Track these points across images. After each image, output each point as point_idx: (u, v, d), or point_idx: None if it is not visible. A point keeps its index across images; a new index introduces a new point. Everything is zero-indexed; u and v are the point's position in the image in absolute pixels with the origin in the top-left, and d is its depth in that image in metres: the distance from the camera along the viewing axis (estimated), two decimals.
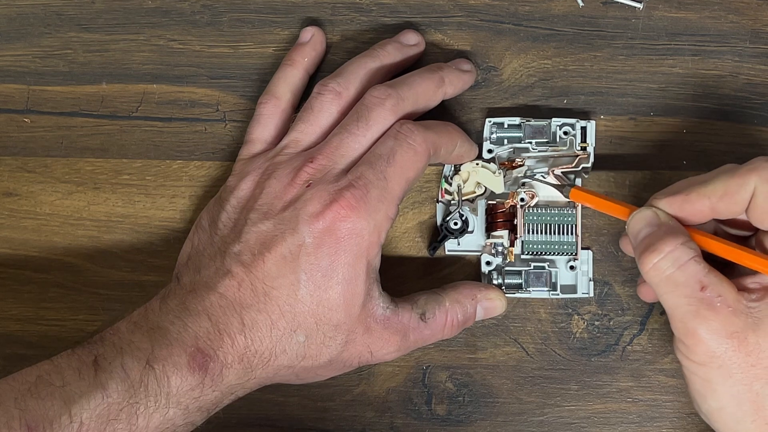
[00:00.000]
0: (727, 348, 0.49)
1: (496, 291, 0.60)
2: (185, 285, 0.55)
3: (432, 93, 0.59)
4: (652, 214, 0.53)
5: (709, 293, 0.50)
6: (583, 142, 0.60)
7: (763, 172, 0.51)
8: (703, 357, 0.50)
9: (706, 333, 0.49)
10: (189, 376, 0.51)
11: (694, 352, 0.50)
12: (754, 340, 0.49)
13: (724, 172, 0.52)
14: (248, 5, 0.64)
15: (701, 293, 0.50)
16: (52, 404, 0.49)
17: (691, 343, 0.50)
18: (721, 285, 0.50)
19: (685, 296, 0.50)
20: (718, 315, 0.49)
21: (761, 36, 0.61)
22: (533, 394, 0.61)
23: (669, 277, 0.50)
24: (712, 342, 0.49)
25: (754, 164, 0.51)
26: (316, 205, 0.54)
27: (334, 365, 0.56)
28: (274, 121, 0.60)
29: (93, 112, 0.64)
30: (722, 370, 0.50)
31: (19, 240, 0.63)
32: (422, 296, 0.58)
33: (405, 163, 0.55)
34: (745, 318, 0.49)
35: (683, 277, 0.50)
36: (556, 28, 0.62)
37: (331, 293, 0.54)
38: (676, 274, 0.50)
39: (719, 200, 0.52)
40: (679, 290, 0.50)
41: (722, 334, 0.49)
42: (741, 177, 0.51)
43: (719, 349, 0.49)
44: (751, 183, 0.51)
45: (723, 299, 0.50)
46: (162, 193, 0.63)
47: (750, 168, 0.51)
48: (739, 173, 0.51)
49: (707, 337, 0.49)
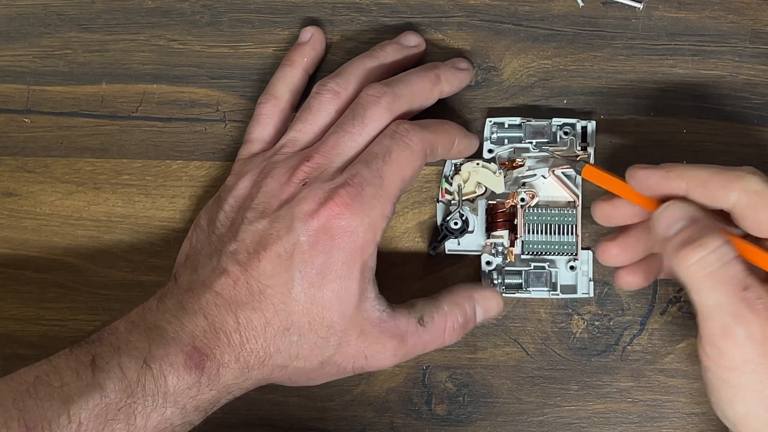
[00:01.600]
0: (762, 353, 0.48)
1: (492, 290, 0.60)
2: (183, 284, 0.55)
3: (428, 91, 0.59)
4: (693, 208, 0.52)
5: (750, 294, 0.49)
6: (584, 142, 0.60)
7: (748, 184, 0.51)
8: (737, 361, 0.49)
9: (744, 335, 0.48)
10: (186, 375, 0.51)
11: (728, 356, 0.49)
12: None
13: (711, 167, 0.52)
14: (248, 5, 0.64)
15: (743, 293, 0.49)
16: (50, 404, 0.49)
17: (727, 346, 0.49)
18: (762, 287, 0.49)
19: (728, 295, 0.49)
20: (758, 317, 0.48)
21: (761, 36, 0.61)
22: (533, 394, 0.61)
23: (713, 273, 0.49)
24: (748, 345, 0.48)
25: (740, 173, 0.51)
26: (311, 204, 0.54)
27: (328, 369, 0.56)
28: (274, 121, 0.60)
29: (93, 112, 0.64)
30: (753, 375, 0.49)
31: (19, 240, 0.63)
32: (420, 301, 0.58)
33: (401, 162, 0.55)
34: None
35: (728, 274, 0.49)
36: (556, 28, 0.62)
37: (325, 291, 0.54)
38: (722, 270, 0.49)
39: (696, 188, 0.52)
40: (723, 288, 0.49)
41: (759, 339, 0.48)
42: (725, 180, 0.51)
43: (754, 353, 0.48)
44: (734, 191, 0.51)
45: (763, 302, 0.49)
46: (162, 193, 0.63)
47: (736, 176, 0.51)
48: (723, 176, 0.52)
49: (744, 339, 0.48)
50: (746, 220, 0.52)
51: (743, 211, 0.51)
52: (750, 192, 0.51)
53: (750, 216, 0.51)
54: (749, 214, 0.51)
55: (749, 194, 0.51)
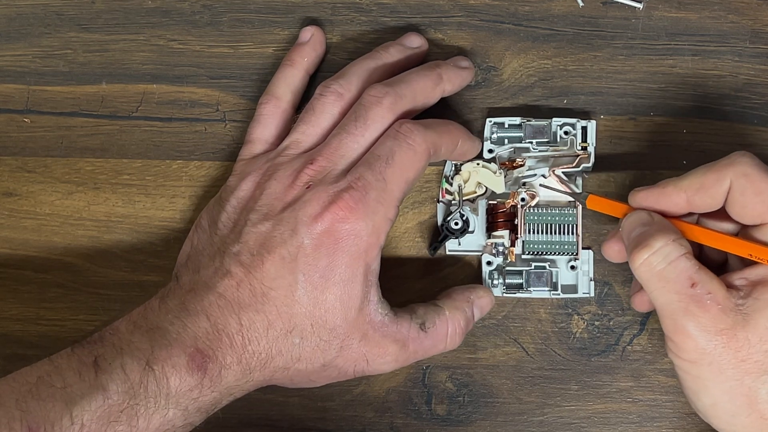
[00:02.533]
0: (716, 345, 0.50)
1: (483, 288, 0.60)
2: (184, 285, 0.55)
3: (430, 90, 0.59)
4: (645, 215, 0.54)
5: (699, 290, 0.50)
6: (584, 141, 0.60)
7: (738, 166, 0.52)
8: (693, 354, 0.50)
9: (696, 330, 0.50)
10: (188, 377, 0.51)
11: (684, 349, 0.51)
12: (743, 335, 0.50)
13: (702, 167, 0.53)
14: (248, 5, 0.64)
15: (691, 290, 0.50)
16: (53, 406, 0.49)
17: (681, 341, 0.51)
18: (711, 282, 0.51)
19: (676, 292, 0.51)
20: (707, 312, 0.50)
21: (761, 36, 0.61)
22: (533, 394, 0.61)
23: (659, 272, 0.51)
24: (701, 339, 0.50)
25: (730, 159, 0.52)
26: (315, 207, 0.54)
27: (329, 372, 0.56)
28: (275, 121, 0.60)
29: (93, 112, 0.64)
30: (713, 366, 0.50)
31: (19, 240, 0.63)
32: (421, 307, 0.58)
33: (404, 163, 0.55)
34: (734, 315, 0.50)
35: (674, 273, 0.51)
36: (556, 28, 0.62)
37: (328, 294, 0.54)
38: (667, 269, 0.51)
39: (695, 193, 0.53)
40: (670, 286, 0.51)
41: (711, 331, 0.50)
42: (717, 171, 0.52)
43: (709, 345, 0.50)
44: (727, 177, 0.52)
45: (712, 296, 0.50)
46: (162, 193, 0.63)
47: (726, 163, 0.52)
48: (715, 168, 0.52)
49: (696, 333, 0.50)
50: (735, 206, 0.52)
51: (733, 197, 0.52)
52: (739, 175, 0.52)
53: (738, 201, 0.52)
54: (738, 198, 0.52)
55: (738, 178, 0.52)
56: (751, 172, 0.52)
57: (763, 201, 0.51)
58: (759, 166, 0.52)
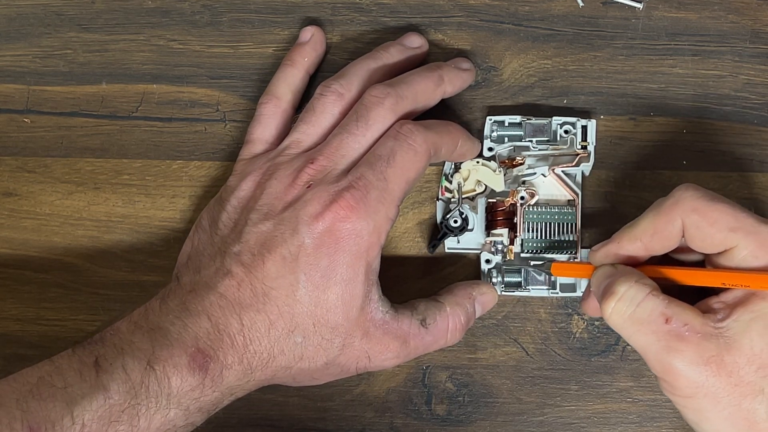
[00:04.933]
0: (707, 375, 0.49)
1: (486, 284, 0.60)
2: (185, 285, 0.55)
3: (431, 91, 0.59)
4: (608, 268, 0.53)
5: (675, 324, 0.50)
6: (584, 140, 0.60)
7: (685, 203, 0.51)
8: (688, 390, 0.50)
9: (683, 365, 0.49)
10: (189, 377, 0.51)
11: (678, 387, 0.50)
12: (730, 359, 0.49)
13: (651, 211, 0.53)
14: (248, 5, 0.64)
15: (667, 326, 0.50)
16: (54, 406, 0.49)
17: (672, 379, 0.50)
18: (685, 313, 0.50)
19: (652, 332, 0.50)
20: (689, 344, 0.49)
21: (761, 36, 0.61)
22: (533, 394, 0.61)
23: (631, 317, 0.51)
24: (691, 373, 0.49)
25: (675, 198, 0.52)
26: (316, 206, 0.54)
27: (331, 369, 0.56)
28: (275, 121, 0.60)
29: (93, 112, 0.64)
30: (709, 397, 0.49)
31: (19, 240, 0.63)
32: (422, 303, 0.58)
33: (405, 163, 0.55)
34: (716, 340, 0.49)
35: (645, 313, 0.50)
36: (556, 28, 0.62)
37: (330, 294, 0.54)
38: (637, 312, 0.50)
39: (651, 239, 0.53)
40: (645, 328, 0.50)
41: (699, 363, 0.49)
42: (666, 214, 0.52)
43: (700, 378, 0.49)
44: (677, 218, 0.52)
45: (690, 327, 0.50)
46: (162, 193, 0.63)
47: (672, 203, 0.52)
48: (662, 210, 0.52)
49: (685, 369, 0.49)
50: (695, 240, 0.52)
51: (689, 233, 0.52)
52: (688, 212, 0.51)
53: (696, 236, 0.51)
54: (695, 233, 0.51)
55: (688, 215, 0.51)
56: (698, 205, 0.51)
57: (719, 230, 0.51)
58: (704, 196, 0.51)
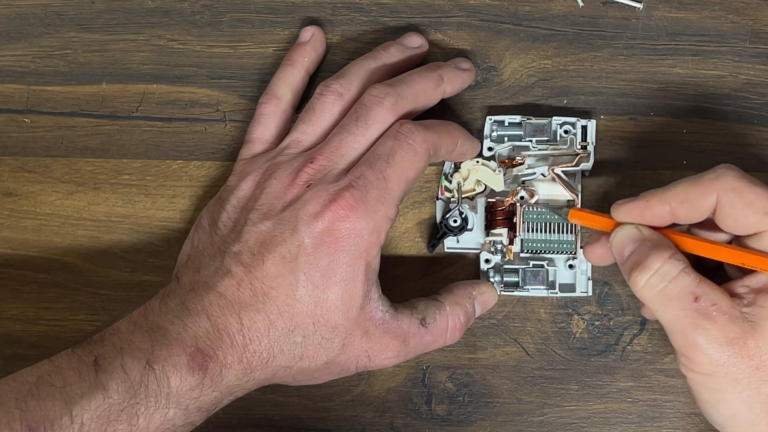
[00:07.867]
0: (729, 355, 0.49)
1: (486, 284, 0.60)
2: (185, 285, 0.55)
3: (431, 91, 0.59)
4: (634, 230, 0.53)
5: (703, 303, 0.50)
6: (584, 140, 0.60)
7: (725, 180, 0.51)
8: (708, 367, 0.50)
9: (707, 342, 0.50)
10: (189, 377, 0.51)
11: (698, 363, 0.50)
12: (754, 344, 0.49)
13: (688, 180, 0.53)
14: (248, 5, 0.64)
15: (696, 304, 0.50)
16: (53, 405, 0.49)
17: (693, 355, 0.50)
18: (715, 293, 0.50)
19: (681, 309, 0.50)
20: (715, 323, 0.50)
21: (761, 36, 0.61)
22: (533, 394, 0.61)
23: (661, 292, 0.51)
24: (713, 351, 0.50)
25: (716, 173, 0.52)
26: (316, 206, 0.54)
27: (332, 368, 0.56)
28: (275, 120, 0.60)
29: (93, 112, 0.64)
30: (728, 377, 0.50)
31: (19, 240, 0.63)
32: (421, 302, 0.58)
33: (405, 163, 0.55)
34: (741, 323, 0.50)
35: (676, 290, 0.51)
36: (556, 28, 0.62)
37: (329, 293, 0.54)
38: (669, 288, 0.51)
39: (679, 205, 0.52)
40: (674, 304, 0.50)
41: (722, 342, 0.49)
42: (703, 186, 0.52)
43: (722, 357, 0.49)
44: (713, 192, 0.51)
45: (718, 307, 0.50)
46: (162, 193, 0.63)
47: (712, 177, 0.52)
48: (701, 182, 0.52)
49: (708, 346, 0.50)
50: (726, 219, 0.52)
51: (722, 210, 0.52)
52: (727, 190, 0.51)
53: (729, 214, 0.52)
54: (728, 212, 0.52)
55: (726, 192, 0.51)
56: (738, 185, 0.51)
57: (754, 212, 0.51)
58: (745, 177, 0.51)
